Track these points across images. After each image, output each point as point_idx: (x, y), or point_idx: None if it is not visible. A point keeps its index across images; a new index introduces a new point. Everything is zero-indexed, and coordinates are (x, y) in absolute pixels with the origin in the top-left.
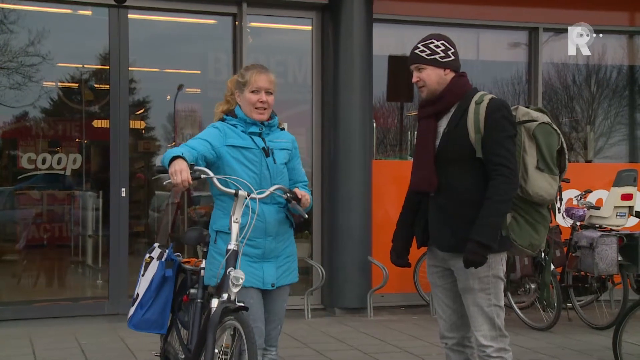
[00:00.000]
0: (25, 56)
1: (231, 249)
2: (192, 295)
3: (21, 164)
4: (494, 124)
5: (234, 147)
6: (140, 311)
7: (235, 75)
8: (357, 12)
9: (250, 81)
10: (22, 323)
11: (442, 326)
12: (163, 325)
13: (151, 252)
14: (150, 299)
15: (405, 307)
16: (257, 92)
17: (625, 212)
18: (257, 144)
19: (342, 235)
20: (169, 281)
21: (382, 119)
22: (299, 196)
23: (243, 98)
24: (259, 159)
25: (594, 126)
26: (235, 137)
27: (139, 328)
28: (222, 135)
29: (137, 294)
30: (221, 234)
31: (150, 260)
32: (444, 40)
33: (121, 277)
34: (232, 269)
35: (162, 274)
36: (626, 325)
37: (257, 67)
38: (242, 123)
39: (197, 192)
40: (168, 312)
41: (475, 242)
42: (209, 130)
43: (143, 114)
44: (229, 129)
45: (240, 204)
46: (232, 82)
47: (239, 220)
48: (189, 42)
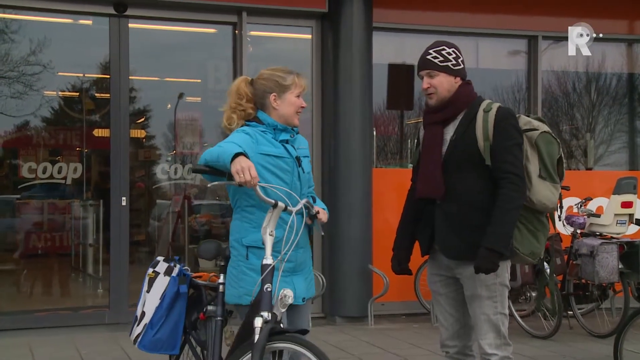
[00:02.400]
0: (26, 65)
1: (269, 264)
2: (210, 313)
3: (22, 174)
4: (502, 132)
5: (267, 155)
6: (150, 331)
7: (243, 77)
8: (357, 21)
9: (295, 84)
10: (23, 333)
11: (444, 334)
12: (175, 345)
13: (155, 266)
14: (162, 318)
15: (406, 315)
16: (299, 97)
17: (626, 220)
18: (290, 152)
19: (342, 244)
20: (182, 298)
21: (382, 127)
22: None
23: (284, 101)
24: (291, 168)
25: (594, 134)
26: (267, 144)
27: (149, 349)
28: (254, 142)
29: (143, 312)
30: (253, 249)
31: (155, 276)
32: (455, 48)
33: (122, 286)
34: (269, 286)
35: (175, 290)
36: (627, 333)
37: (294, 71)
38: (271, 130)
39: (198, 200)
40: (180, 330)
41: (487, 249)
42: (239, 136)
43: (143, 123)
44: (260, 135)
45: (276, 216)
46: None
47: (274, 234)
48: (189, 51)
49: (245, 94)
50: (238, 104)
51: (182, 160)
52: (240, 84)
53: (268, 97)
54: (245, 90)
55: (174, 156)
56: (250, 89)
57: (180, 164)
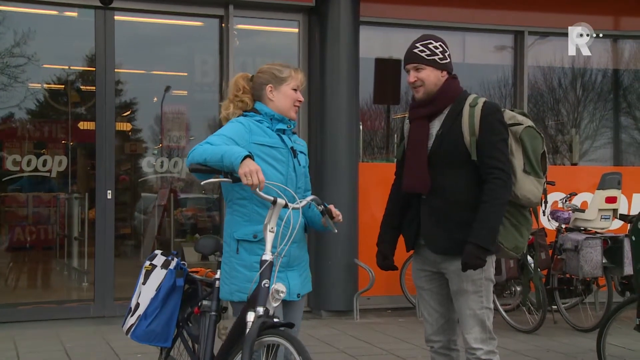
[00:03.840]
0: (10, 57)
1: (267, 259)
2: (205, 308)
3: (6, 166)
4: (489, 127)
5: (260, 145)
6: (144, 322)
7: (242, 73)
8: (344, 15)
9: (292, 77)
10: (6, 326)
11: (428, 329)
12: (168, 338)
13: (152, 259)
14: (156, 310)
15: (392, 309)
16: (296, 91)
17: (610, 215)
18: (285, 142)
19: (328, 238)
20: (177, 291)
21: (368, 121)
22: (333, 214)
23: (279, 93)
24: (286, 159)
25: (579, 129)
26: (261, 134)
27: (142, 340)
28: (247, 132)
29: (137, 303)
30: (244, 243)
31: (151, 268)
32: (441, 42)
33: (107, 279)
34: (267, 281)
35: (171, 283)
36: (610, 327)
37: (291, 65)
38: (268, 120)
39: (184, 194)
40: (174, 324)
41: (474, 245)
42: (232, 126)
43: (129, 116)
44: (254, 124)
45: (277, 212)
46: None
47: (274, 230)
48: (175, 44)
49: (243, 87)
50: (235, 96)
51: (169, 154)
52: (237, 78)
53: (264, 89)
54: (243, 84)
55: (160, 149)
56: (249, 84)
57: (166, 157)
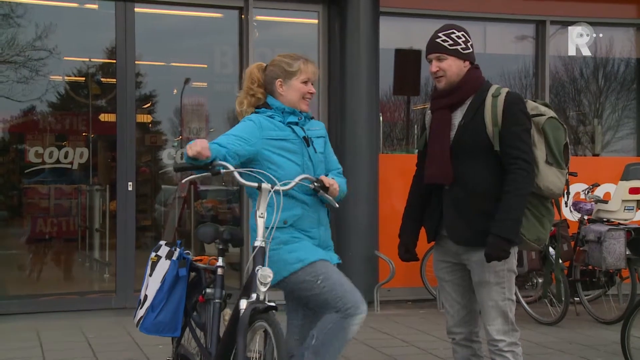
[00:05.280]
0: (32, 50)
1: (257, 245)
2: (209, 295)
3: (28, 158)
4: (512, 117)
5: (273, 139)
6: (152, 314)
7: (257, 63)
8: (364, 6)
9: (301, 70)
10: (29, 317)
11: (450, 321)
12: (177, 328)
13: (157, 250)
14: (162, 301)
15: (412, 301)
16: (307, 83)
17: (633, 206)
18: (297, 133)
19: (349, 230)
20: (182, 281)
21: (388, 112)
22: (326, 184)
23: (289, 87)
24: (300, 149)
25: (601, 120)
26: (273, 128)
27: (151, 332)
28: (258, 128)
29: (146, 295)
30: (277, 229)
31: (157, 259)
32: (464, 32)
33: (128, 271)
34: (260, 267)
35: (174, 273)
36: (634, 319)
37: (302, 57)
38: (279, 113)
39: (204, 186)
40: (181, 313)
41: (497, 236)
42: (243, 125)
43: (150, 108)
44: (266, 120)
45: (264, 197)
46: (260, 71)
47: (264, 215)
48: (195, 35)
49: (257, 79)
50: (250, 88)
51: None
52: (253, 69)
53: (275, 83)
54: (258, 76)
55: (180, 141)
56: (262, 75)
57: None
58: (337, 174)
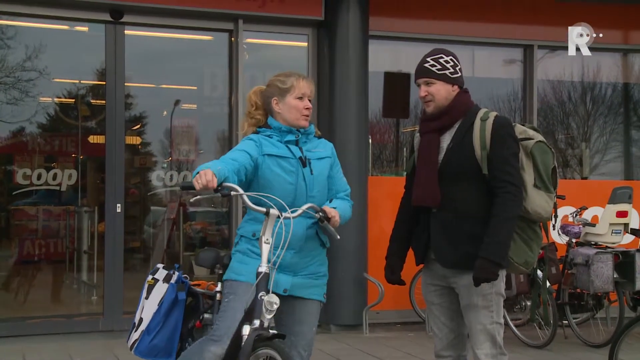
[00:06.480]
0: (22, 71)
1: (262, 271)
2: (207, 321)
3: (17, 180)
4: (500, 141)
5: (270, 155)
6: (147, 337)
7: (256, 87)
8: (353, 29)
9: (294, 86)
10: (16, 340)
11: (438, 344)
12: (172, 353)
13: (154, 273)
14: (158, 324)
15: (401, 324)
16: (302, 99)
17: (621, 230)
18: (293, 153)
19: (337, 252)
20: (180, 305)
21: (378, 135)
22: (328, 215)
23: (285, 104)
24: (295, 168)
25: (589, 143)
26: (271, 146)
27: (145, 355)
28: (257, 146)
29: (141, 318)
30: (244, 238)
31: (154, 282)
32: (452, 56)
33: (116, 293)
34: (263, 294)
35: (172, 297)
36: (622, 343)
37: (295, 73)
38: (277, 132)
39: (193, 207)
40: (177, 337)
41: (485, 259)
42: (244, 142)
43: (139, 130)
44: (264, 139)
45: (271, 223)
46: (256, 94)
47: (269, 241)
48: (185, 58)
49: (255, 103)
50: (249, 112)
51: (178, 167)
52: (250, 93)
53: (271, 102)
54: (255, 99)
55: (170, 163)
56: (260, 97)
57: (176, 171)
58: (345, 196)
